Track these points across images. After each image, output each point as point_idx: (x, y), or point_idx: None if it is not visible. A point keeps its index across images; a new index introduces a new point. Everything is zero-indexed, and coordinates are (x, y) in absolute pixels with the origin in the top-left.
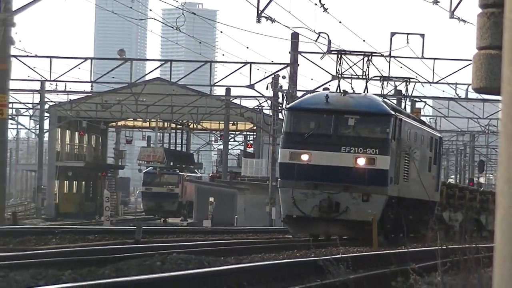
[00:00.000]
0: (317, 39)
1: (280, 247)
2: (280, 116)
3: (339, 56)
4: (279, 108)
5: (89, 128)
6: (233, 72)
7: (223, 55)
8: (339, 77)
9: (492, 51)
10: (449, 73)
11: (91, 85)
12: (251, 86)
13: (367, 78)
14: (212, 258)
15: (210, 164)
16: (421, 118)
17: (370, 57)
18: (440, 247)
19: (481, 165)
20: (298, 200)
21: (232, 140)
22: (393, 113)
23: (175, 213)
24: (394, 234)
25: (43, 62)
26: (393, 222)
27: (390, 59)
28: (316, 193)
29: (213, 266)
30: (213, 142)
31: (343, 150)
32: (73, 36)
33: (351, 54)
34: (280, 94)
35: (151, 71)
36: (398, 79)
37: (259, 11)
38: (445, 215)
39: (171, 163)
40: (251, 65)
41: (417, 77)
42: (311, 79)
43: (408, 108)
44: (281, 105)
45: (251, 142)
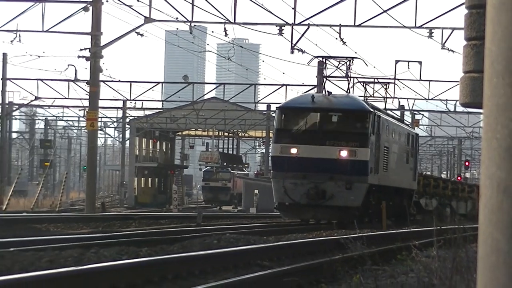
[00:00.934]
0: (337, 67)
1: (309, 229)
2: None
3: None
4: None
5: (161, 136)
6: (272, 92)
7: (264, 79)
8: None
9: (475, 74)
10: (441, 92)
11: (162, 103)
12: None
13: (349, 81)
14: (257, 237)
15: (255, 164)
16: (419, 127)
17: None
18: (435, 228)
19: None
20: (289, 189)
21: None
22: (372, 110)
23: (228, 202)
24: (377, 218)
25: (125, 86)
26: (375, 207)
27: (395, 81)
28: (305, 182)
29: (257, 244)
30: (257, 147)
31: (328, 144)
32: (148, 65)
33: (363, 78)
34: None
35: (208, 92)
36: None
37: (292, 45)
38: (421, 201)
39: (225, 164)
40: (286, 87)
41: (415, 95)
42: None
43: (408, 119)
44: None
45: None
